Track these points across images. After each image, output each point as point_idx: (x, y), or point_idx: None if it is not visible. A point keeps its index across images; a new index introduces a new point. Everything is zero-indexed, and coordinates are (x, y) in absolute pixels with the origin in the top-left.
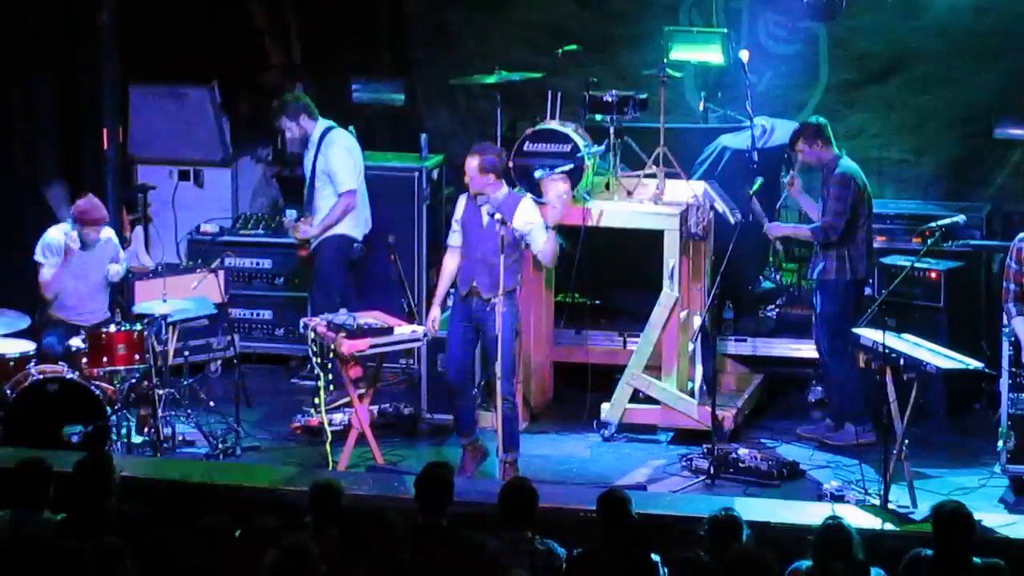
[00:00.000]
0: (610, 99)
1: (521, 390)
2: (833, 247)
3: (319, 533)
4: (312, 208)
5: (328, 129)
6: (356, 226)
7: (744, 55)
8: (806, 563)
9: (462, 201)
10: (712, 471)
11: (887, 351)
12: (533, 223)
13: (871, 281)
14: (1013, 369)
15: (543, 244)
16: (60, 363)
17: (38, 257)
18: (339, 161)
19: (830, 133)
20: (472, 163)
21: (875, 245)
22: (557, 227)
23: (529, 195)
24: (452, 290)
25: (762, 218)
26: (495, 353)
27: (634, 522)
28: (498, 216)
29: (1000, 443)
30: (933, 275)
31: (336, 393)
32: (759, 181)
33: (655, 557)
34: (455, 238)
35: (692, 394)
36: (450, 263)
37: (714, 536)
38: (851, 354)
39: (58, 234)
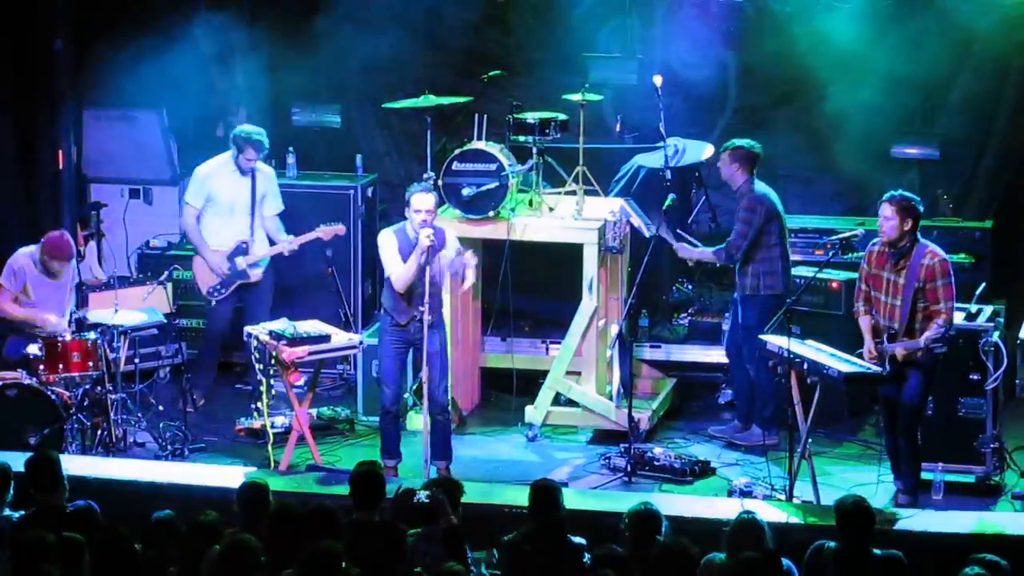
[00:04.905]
0: (532, 121)
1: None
2: (750, 264)
3: (248, 531)
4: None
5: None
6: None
7: (658, 80)
8: (719, 555)
9: (392, 239)
10: (629, 469)
11: (792, 356)
12: (459, 247)
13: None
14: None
15: (469, 269)
16: (19, 369)
17: (3, 280)
18: None
19: (755, 163)
20: (431, 199)
21: None
22: (483, 241)
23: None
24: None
25: (671, 241)
26: (436, 367)
27: (563, 510)
28: (433, 241)
29: None
30: (834, 284)
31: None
32: (671, 197)
33: (580, 540)
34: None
35: (610, 397)
36: None
37: (635, 529)
38: (766, 363)
39: (25, 260)
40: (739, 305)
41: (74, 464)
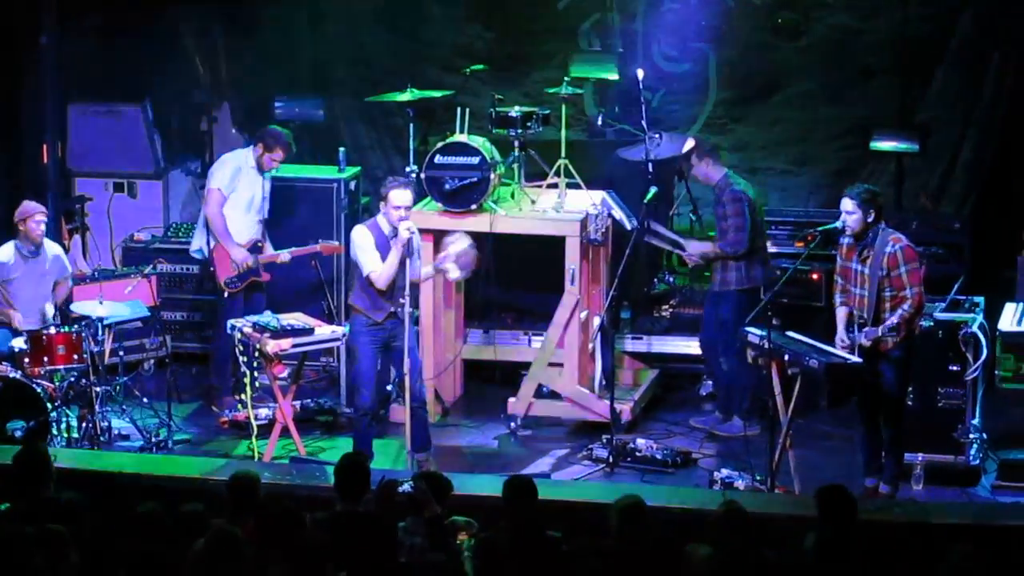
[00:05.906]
0: (515, 115)
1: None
2: (731, 260)
3: (236, 522)
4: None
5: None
6: None
7: (639, 73)
8: (702, 546)
9: (369, 235)
10: (611, 460)
11: (773, 347)
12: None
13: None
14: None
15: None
16: (3, 363)
17: None
18: None
19: (720, 154)
20: (410, 195)
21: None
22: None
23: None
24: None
25: (680, 241)
26: (415, 360)
27: (537, 505)
28: (413, 232)
29: None
30: (815, 276)
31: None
32: (653, 191)
33: (555, 534)
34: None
35: (592, 388)
36: None
37: (622, 520)
38: (742, 356)
39: (8, 252)
40: (715, 299)
41: (59, 456)
